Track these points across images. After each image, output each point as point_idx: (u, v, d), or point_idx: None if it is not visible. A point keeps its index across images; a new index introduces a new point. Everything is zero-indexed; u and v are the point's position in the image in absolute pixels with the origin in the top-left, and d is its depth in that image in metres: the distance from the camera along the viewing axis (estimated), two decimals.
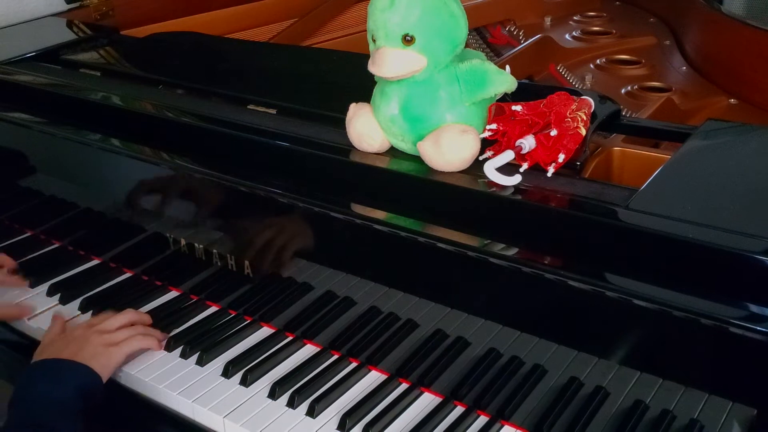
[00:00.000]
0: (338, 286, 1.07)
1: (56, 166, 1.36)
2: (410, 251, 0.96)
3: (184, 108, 1.21)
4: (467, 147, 0.92)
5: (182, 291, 1.26)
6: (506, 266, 0.87)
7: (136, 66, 1.45)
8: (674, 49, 1.69)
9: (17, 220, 1.46)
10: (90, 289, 1.28)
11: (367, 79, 0.98)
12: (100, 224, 1.34)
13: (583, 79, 1.55)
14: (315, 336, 1.12)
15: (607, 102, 1.04)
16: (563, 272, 0.84)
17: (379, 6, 0.91)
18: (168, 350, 1.14)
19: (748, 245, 0.76)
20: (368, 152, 1.00)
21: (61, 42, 1.51)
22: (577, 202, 0.87)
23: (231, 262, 1.16)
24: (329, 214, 1.00)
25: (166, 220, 1.23)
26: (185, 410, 1.05)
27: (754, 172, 0.89)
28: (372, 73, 0.94)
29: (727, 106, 1.43)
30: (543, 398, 0.93)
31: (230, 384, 1.07)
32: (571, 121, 0.91)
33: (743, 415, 0.79)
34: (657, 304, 0.78)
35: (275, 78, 1.30)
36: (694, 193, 0.85)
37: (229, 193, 1.12)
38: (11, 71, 1.40)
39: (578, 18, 1.90)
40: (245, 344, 1.14)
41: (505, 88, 0.95)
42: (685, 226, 0.78)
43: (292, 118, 1.12)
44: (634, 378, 0.85)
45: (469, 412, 0.98)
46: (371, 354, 1.06)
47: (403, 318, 1.02)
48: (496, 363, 0.96)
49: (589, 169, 0.98)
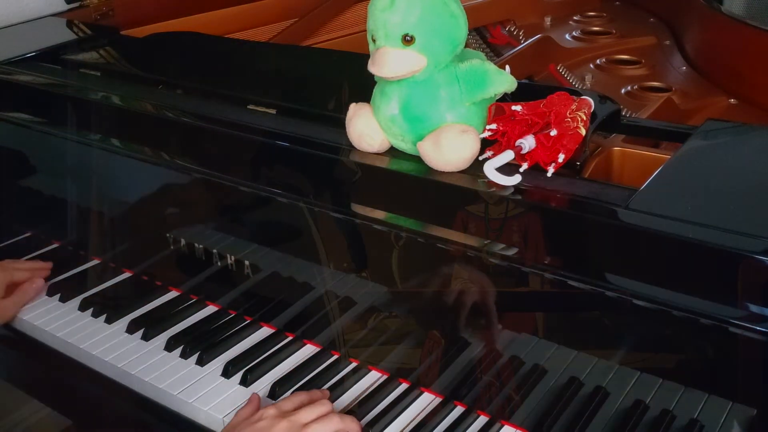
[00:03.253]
0: (338, 286, 1.07)
1: (56, 166, 1.36)
2: (410, 251, 0.96)
3: (184, 108, 1.21)
4: (467, 147, 0.92)
5: (182, 291, 1.26)
6: (506, 266, 0.87)
7: (136, 66, 1.45)
8: (674, 49, 1.68)
9: (17, 220, 1.46)
10: (89, 288, 1.28)
11: (367, 79, 0.98)
12: (99, 224, 1.34)
13: (583, 79, 1.54)
14: (315, 336, 1.12)
15: (607, 102, 1.04)
16: (563, 272, 0.84)
17: (379, 6, 0.91)
18: (168, 350, 1.14)
19: (748, 245, 0.76)
20: (368, 152, 1.00)
21: (61, 42, 1.51)
22: (577, 202, 0.87)
23: (231, 262, 1.16)
24: (329, 214, 1.00)
25: (166, 220, 1.24)
26: (185, 410, 1.05)
27: (754, 172, 0.89)
28: (372, 73, 0.94)
29: (727, 106, 1.43)
30: (543, 398, 0.93)
31: (230, 384, 1.07)
32: (571, 121, 0.91)
33: (743, 415, 0.79)
34: (657, 304, 0.78)
35: (275, 78, 1.30)
36: (694, 193, 0.85)
37: (229, 193, 1.12)
38: (11, 71, 1.40)
39: (578, 18, 1.90)
40: (245, 344, 1.14)
41: (505, 88, 0.95)
42: (685, 226, 0.78)
43: (292, 118, 1.12)
44: (634, 378, 0.85)
45: (469, 412, 0.98)
46: (371, 354, 1.06)
47: (402, 318, 1.02)
48: (496, 363, 0.96)
49: (589, 169, 0.98)
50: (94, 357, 1.15)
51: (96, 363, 1.15)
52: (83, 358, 1.16)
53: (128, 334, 1.18)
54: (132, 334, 1.18)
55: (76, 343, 1.17)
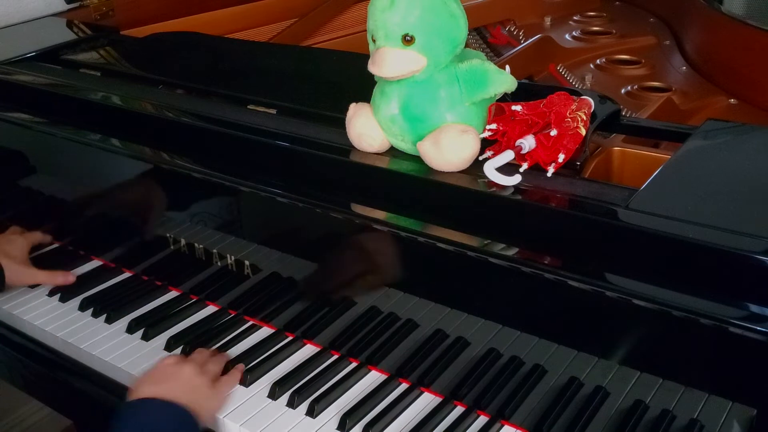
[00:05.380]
0: (338, 286, 1.07)
1: (56, 166, 1.36)
2: (410, 251, 0.96)
3: (184, 108, 1.21)
4: (467, 147, 0.92)
5: (182, 291, 1.26)
6: (506, 266, 0.87)
7: (136, 66, 1.45)
8: (674, 49, 1.69)
9: (18, 220, 1.46)
10: (89, 288, 1.28)
11: (367, 79, 0.98)
12: (100, 224, 1.34)
13: (583, 79, 1.54)
14: (315, 336, 1.12)
15: (607, 102, 1.04)
16: (563, 272, 0.84)
17: (379, 6, 0.91)
18: (168, 350, 1.14)
19: (748, 245, 0.76)
20: (368, 152, 1.00)
21: (61, 42, 1.51)
22: (577, 202, 0.87)
23: (231, 262, 1.16)
24: (329, 214, 1.00)
25: (166, 220, 1.24)
26: None
27: (753, 172, 0.89)
28: (372, 73, 0.94)
29: (727, 106, 1.43)
30: (543, 398, 0.93)
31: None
32: (571, 121, 0.91)
33: (743, 415, 0.79)
34: (657, 304, 0.78)
35: (275, 78, 1.30)
36: (694, 193, 0.85)
37: (229, 193, 1.12)
38: (11, 71, 1.40)
39: (578, 18, 1.90)
40: (245, 344, 1.14)
41: (505, 88, 0.95)
42: (685, 226, 0.78)
43: (292, 118, 1.12)
44: (634, 378, 0.85)
45: (469, 412, 0.98)
46: (371, 354, 1.06)
47: (403, 318, 1.02)
48: (496, 363, 0.96)
49: (589, 169, 0.98)
50: (94, 357, 1.15)
51: (96, 363, 1.15)
52: (83, 358, 1.16)
53: (128, 334, 1.18)
54: (132, 334, 1.18)
55: (76, 343, 1.17)
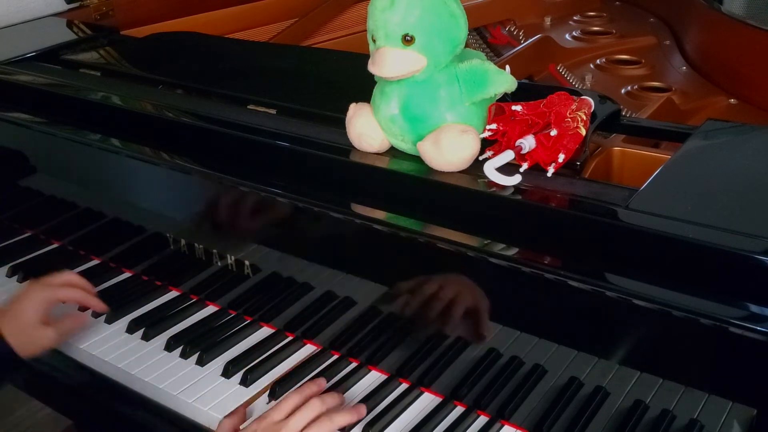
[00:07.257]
0: (338, 286, 1.07)
1: (56, 166, 1.36)
2: (410, 251, 0.96)
3: (184, 108, 1.21)
4: (467, 147, 0.92)
5: (182, 291, 1.26)
6: (506, 266, 0.87)
7: (136, 66, 1.45)
8: (674, 49, 1.68)
9: (17, 220, 1.46)
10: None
11: (367, 79, 0.98)
12: (99, 224, 1.34)
13: (583, 79, 1.54)
14: (315, 336, 1.12)
15: (607, 102, 1.04)
16: (563, 272, 0.84)
17: (379, 6, 0.91)
18: (168, 350, 1.14)
19: (748, 245, 0.76)
20: (368, 152, 1.00)
21: (61, 42, 1.51)
22: (577, 202, 0.87)
23: (231, 262, 1.16)
24: (329, 214, 1.00)
25: (166, 220, 1.24)
26: (185, 410, 1.05)
27: (754, 172, 0.89)
28: (372, 73, 0.94)
29: (727, 106, 1.43)
30: (543, 398, 0.93)
31: (230, 384, 1.07)
32: (571, 121, 0.91)
33: (743, 415, 0.79)
34: (657, 304, 0.78)
35: (275, 78, 1.30)
36: (694, 193, 0.85)
37: (229, 193, 1.12)
38: (11, 71, 1.40)
39: (578, 18, 1.90)
40: (245, 344, 1.14)
41: (505, 88, 0.95)
42: (685, 226, 0.78)
43: (292, 118, 1.12)
44: (634, 378, 0.85)
45: (469, 412, 0.98)
46: (371, 354, 1.06)
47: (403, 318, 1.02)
48: (496, 363, 0.96)
49: (589, 169, 0.98)
50: (93, 357, 1.15)
51: (96, 363, 1.15)
52: (83, 358, 1.16)
53: (128, 334, 1.18)
54: (132, 334, 1.18)
55: (75, 343, 1.17)
